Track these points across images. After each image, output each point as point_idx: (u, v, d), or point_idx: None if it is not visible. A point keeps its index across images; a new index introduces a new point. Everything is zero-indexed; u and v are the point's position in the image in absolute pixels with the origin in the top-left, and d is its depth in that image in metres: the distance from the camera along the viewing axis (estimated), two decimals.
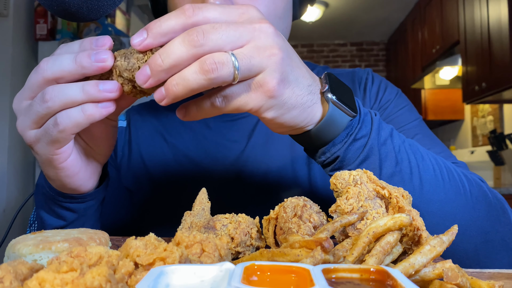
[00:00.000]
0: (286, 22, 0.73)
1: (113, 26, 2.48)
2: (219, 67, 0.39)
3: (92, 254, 0.29)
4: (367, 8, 4.64)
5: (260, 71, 0.42)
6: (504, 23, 2.66)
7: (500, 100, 3.26)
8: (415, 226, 0.37)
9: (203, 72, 0.39)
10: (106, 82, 0.44)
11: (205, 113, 0.45)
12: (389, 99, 0.79)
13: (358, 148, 0.51)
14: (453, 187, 0.55)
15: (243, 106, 0.44)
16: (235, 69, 0.40)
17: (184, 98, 0.42)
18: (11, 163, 2.38)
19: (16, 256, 0.38)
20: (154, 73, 0.40)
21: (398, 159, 0.53)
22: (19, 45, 2.37)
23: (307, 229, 0.41)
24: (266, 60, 0.42)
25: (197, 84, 0.40)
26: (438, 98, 4.27)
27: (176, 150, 0.80)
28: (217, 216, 0.46)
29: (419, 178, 0.53)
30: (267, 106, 0.45)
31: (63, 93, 0.44)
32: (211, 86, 0.41)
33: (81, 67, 0.43)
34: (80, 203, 0.58)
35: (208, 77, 0.40)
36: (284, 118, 0.47)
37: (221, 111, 0.44)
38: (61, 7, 0.46)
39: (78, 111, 0.44)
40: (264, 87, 0.43)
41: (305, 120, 0.48)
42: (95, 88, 0.44)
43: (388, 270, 0.26)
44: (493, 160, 3.28)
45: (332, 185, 0.44)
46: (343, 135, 0.51)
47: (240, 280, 0.23)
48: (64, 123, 0.44)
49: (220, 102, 0.43)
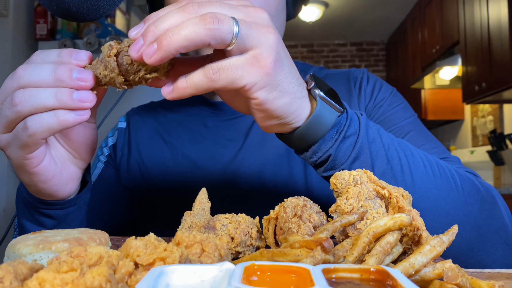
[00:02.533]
0: (279, 21, 0.73)
1: (113, 26, 2.48)
2: (220, 21, 0.39)
3: (92, 254, 0.29)
4: (367, 8, 4.64)
5: (257, 45, 0.42)
6: (504, 23, 2.66)
7: (500, 100, 3.26)
8: (415, 226, 0.37)
9: (203, 23, 0.38)
10: (81, 92, 0.44)
11: (194, 86, 0.42)
12: (384, 98, 0.80)
13: (349, 146, 0.51)
14: (445, 183, 0.55)
15: (238, 80, 0.42)
16: (234, 30, 0.40)
17: (175, 52, 0.40)
18: None
19: (16, 256, 0.38)
20: (146, 41, 0.40)
21: (388, 157, 0.53)
22: (19, 45, 2.37)
23: (307, 229, 0.41)
24: (264, 36, 0.42)
25: (195, 34, 0.38)
26: (438, 98, 4.27)
27: (175, 149, 0.80)
28: (217, 216, 0.46)
29: (411, 175, 0.53)
30: (262, 84, 0.43)
31: (34, 98, 0.43)
32: (208, 40, 0.39)
33: (60, 81, 0.43)
34: (59, 210, 0.57)
35: (208, 28, 0.38)
36: (276, 104, 0.45)
37: (213, 84, 0.41)
38: (61, 7, 0.46)
39: (50, 116, 0.44)
40: (261, 62, 0.42)
41: (295, 112, 0.47)
42: (69, 97, 0.43)
43: (388, 270, 0.26)
44: (493, 160, 3.28)
45: (332, 185, 0.44)
46: (333, 132, 0.50)
47: (240, 280, 0.23)
48: (34, 128, 0.44)
49: (214, 73, 0.41)
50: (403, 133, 0.73)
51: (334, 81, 0.84)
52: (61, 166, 0.53)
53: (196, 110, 0.84)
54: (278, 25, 0.73)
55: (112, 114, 0.80)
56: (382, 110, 0.78)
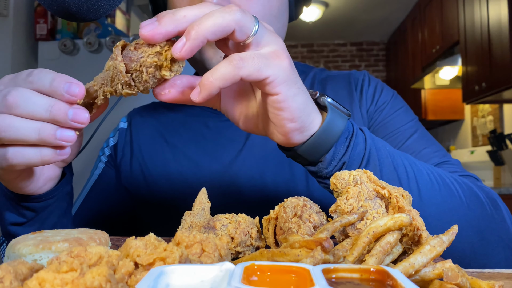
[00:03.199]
0: (282, 22, 0.74)
1: (113, 26, 2.48)
2: (243, 12, 0.41)
3: (92, 254, 0.29)
4: (367, 8, 4.64)
5: (273, 44, 0.44)
6: (504, 23, 2.66)
7: (500, 100, 3.26)
8: (415, 226, 0.37)
9: (228, 11, 0.41)
10: (64, 130, 0.44)
11: (221, 77, 0.41)
12: (385, 101, 0.80)
13: (360, 152, 0.51)
14: (447, 190, 0.56)
15: (262, 70, 0.42)
16: (255, 24, 0.42)
17: (210, 36, 0.41)
18: None
19: (16, 256, 0.38)
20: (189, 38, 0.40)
21: (394, 164, 0.53)
22: (19, 45, 2.37)
23: (307, 229, 0.41)
24: (276, 38, 0.45)
25: (222, 19, 0.40)
26: (438, 98, 4.27)
27: (176, 150, 0.80)
28: (217, 216, 0.46)
29: (416, 182, 0.54)
30: (283, 77, 0.44)
31: (16, 130, 0.42)
32: (234, 26, 0.41)
33: (54, 120, 0.43)
34: (37, 203, 0.58)
35: (232, 16, 0.40)
36: (295, 101, 0.45)
37: (239, 72, 0.41)
38: (61, 7, 0.46)
39: (34, 153, 0.44)
40: (281, 57, 0.44)
41: (310, 115, 0.48)
42: (52, 136, 0.43)
43: (388, 270, 0.26)
44: (493, 160, 3.28)
45: (332, 185, 0.44)
46: (343, 139, 0.50)
47: (240, 280, 0.23)
48: (15, 161, 0.44)
49: (240, 60, 0.41)
50: (405, 137, 0.73)
51: (336, 83, 0.84)
52: (39, 172, 0.54)
53: (197, 111, 0.84)
54: (280, 26, 0.73)
55: (112, 114, 0.80)
56: (384, 114, 0.78)
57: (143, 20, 3.60)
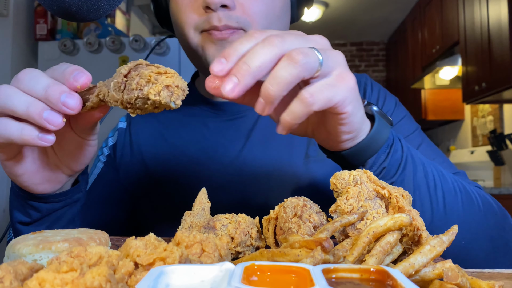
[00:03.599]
0: (284, 22, 0.74)
1: (113, 26, 2.48)
2: (306, 55, 0.41)
3: (92, 254, 0.29)
4: (367, 8, 4.64)
5: (336, 66, 0.45)
6: (504, 23, 2.66)
7: (500, 100, 3.26)
8: (415, 226, 0.37)
9: (293, 62, 0.40)
10: (52, 113, 0.44)
11: (296, 117, 0.43)
12: (389, 109, 0.80)
13: (398, 159, 0.54)
14: (468, 199, 0.59)
15: (333, 98, 0.44)
16: (319, 59, 0.42)
17: (280, 97, 0.41)
18: None
19: (16, 256, 0.38)
20: (241, 79, 0.40)
21: (425, 171, 0.56)
22: (19, 45, 2.37)
23: (307, 229, 0.41)
24: (336, 57, 0.45)
25: (290, 76, 0.40)
26: (438, 98, 4.27)
27: (176, 149, 0.80)
28: (217, 216, 0.46)
29: (442, 189, 0.56)
30: (350, 99, 0.45)
31: (8, 98, 0.44)
32: (302, 75, 0.41)
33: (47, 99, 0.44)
34: (42, 203, 0.58)
35: (299, 65, 0.40)
36: (358, 115, 0.48)
37: (311, 108, 0.43)
38: (61, 7, 0.46)
39: (16, 127, 0.45)
40: (346, 79, 0.45)
41: (363, 124, 0.50)
42: (39, 114, 0.44)
43: (388, 270, 0.26)
44: (493, 160, 3.28)
45: (332, 185, 0.44)
46: (385, 146, 0.53)
47: (240, 280, 0.23)
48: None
49: (310, 97, 0.42)
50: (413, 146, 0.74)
51: None
52: (37, 166, 0.54)
53: (197, 110, 0.83)
54: (282, 27, 0.73)
55: (112, 114, 0.80)
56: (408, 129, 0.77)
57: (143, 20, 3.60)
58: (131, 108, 0.42)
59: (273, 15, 0.69)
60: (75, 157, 0.56)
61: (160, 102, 0.40)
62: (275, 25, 0.70)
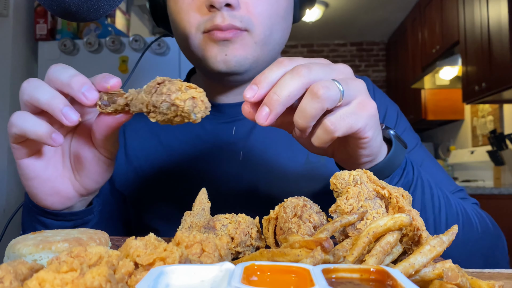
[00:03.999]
0: (287, 22, 0.73)
1: (113, 26, 2.48)
2: (328, 89, 0.45)
3: (92, 254, 0.29)
4: (367, 8, 4.64)
5: (357, 95, 0.48)
6: (504, 23, 2.66)
7: (500, 100, 3.26)
8: (415, 226, 0.37)
9: (316, 97, 0.44)
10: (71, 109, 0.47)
11: (322, 142, 0.48)
12: (391, 119, 0.80)
13: (409, 180, 0.57)
14: (468, 221, 0.63)
15: (354, 125, 0.47)
16: (340, 90, 0.46)
17: (310, 127, 0.47)
18: (11, 163, 2.38)
19: (16, 256, 0.38)
20: (272, 109, 0.45)
21: (431, 193, 0.59)
22: (19, 45, 2.37)
23: (307, 229, 0.41)
24: (358, 86, 0.48)
25: (314, 110, 0.45)
26: (438, 98, 4.26)
27: (172, 151, 0.79)
28: (217, 216, 0.46)
29: (445, 212, 0.60)
30: (370, 125, 0.48)
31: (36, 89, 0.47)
32: (324, 107, 0.45)
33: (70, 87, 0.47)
34: (52, 220, 0.58)
35: (321, 99, 0.44)
36: (377, 140, 0.51)
37: (334, 134, 0.47)
38: (61, 7, 0.46)
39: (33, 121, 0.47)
40: (367, 106, 0.48)
41: (381, 147, 0.54)
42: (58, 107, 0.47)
43: (388, 270, 0.26)
44: (493, 160, 3.28)
45: (332, 185, 0.44)
46: (400, 168, 0.56)
47: (240, 280, 0.23)
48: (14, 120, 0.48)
49: (332, 125, 0.46)
50: (417, 162, 0.76)
51: None
52: (50, 174, 0.54)
53: None
54: (286, 27, 0.73)
55: None
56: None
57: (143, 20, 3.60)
58: (153, 112, 0.45)
59: (277, 15, 0.69)
60: (90, 173, 0.55)
61: (183, 109, 0.43)
62: (279, 26, 0.70)
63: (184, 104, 0.43)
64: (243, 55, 0.67)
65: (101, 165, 0.56)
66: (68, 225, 0.59)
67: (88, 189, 0.57)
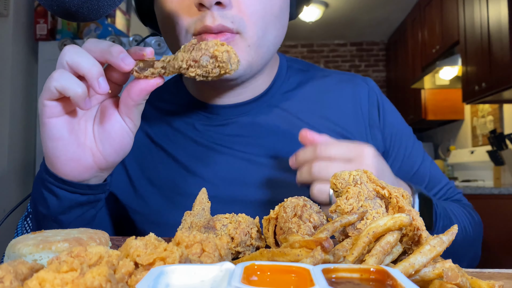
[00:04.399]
0: (283, 21, 0.70)
1: (113, 26, 2.48)
2: (320, 193, 0.57)
3: (92, 254, 0.29)
4: (367, 8, 4.64)
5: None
6: (504, 23, 2.66)
7: (500, 100, 3.26)
8: (415, 226, 0.37)
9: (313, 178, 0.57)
10: (104, 80, 0.51)
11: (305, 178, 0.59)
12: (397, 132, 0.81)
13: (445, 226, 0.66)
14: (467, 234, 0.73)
15: None
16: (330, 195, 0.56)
17: None
18: (11, 163, 2.38)
19: (16, 256, 0.38)
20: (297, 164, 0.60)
21: (460, 227, 0.70)
22: (19, 45, 2.37)
23: (307, 229, 0.41)
24: (365, 165, 0.57)
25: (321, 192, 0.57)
26: (438, 98, 4.26)
27: (165, 152, 0.75)
28: (217, 216, 0.46)
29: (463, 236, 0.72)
30: None
31: (79, 56, 0.51)
32: None
33: (109, 53, 0.51)
34: (63, 190, 0.58)
35: (312, 194, 0.57)
36: None
37: None
38: (61, 7, 0.46)
39: (71, 80, 0.50)
40: None
41: None
42: (95, 76, 0.50)
43: (388, 270, 0.26)
44: (493, 160, 3.28)
45: (332, 185, 0.44)
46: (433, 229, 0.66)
47: (240, 280, 0.23)
48: (55, 78, 0.50)
49: None
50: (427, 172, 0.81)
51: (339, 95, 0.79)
52: (73, 139, 0.55)
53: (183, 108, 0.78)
54: (280, 26, 0.69)
55: None
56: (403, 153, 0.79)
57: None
58: (193, 67, 0.50)
59: (271, 15, 0.66)
60: (115, 142, 0.56)
61: (222, 59, 0.50)
62: (273, 26, 0.67)
63: (222, 55, 0.49)
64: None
65: (125, 135, 0.57)
66: (81, 199, 0.59)
67: (108, 160, 0.57)
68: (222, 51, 0.50)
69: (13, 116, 2.38)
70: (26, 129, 2.51)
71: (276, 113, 0.75)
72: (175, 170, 0.74)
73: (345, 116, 0.77)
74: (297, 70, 0.83)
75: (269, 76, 0.77)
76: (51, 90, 0.51)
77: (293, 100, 0.77)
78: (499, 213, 2.68)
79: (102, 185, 0.61)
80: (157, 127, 0.78)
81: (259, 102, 0.76)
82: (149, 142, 0.77)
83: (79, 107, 0.51)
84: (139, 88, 0.53)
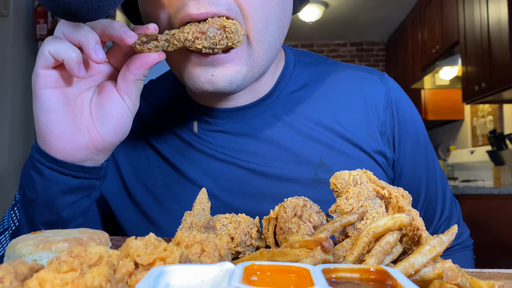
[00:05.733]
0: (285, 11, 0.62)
1: None
2: None
3: (92, 254, 0.29)
4: (367, 8, 4.64)
5: None
6: (504, 23, 2.66)
7: (500, 100, 3.26)
8: (415, 226, 0.37)
9: None
10: (100, 48, 0.50)
11: None
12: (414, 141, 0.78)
13: None
14: None
15: None
16: None
17: None
18: (11, 163, 2.38)
19: (16, 256, 0.38)
20: None
21: None
22: (19, 45, 2.37)
23: (307, 229, 0.41)
24: None
25: None
26: (438, 98, 4.27)
27: (161, 156, 0.72)
28: (217, 216, 0.46)
29: None
30: None
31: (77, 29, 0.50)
32: None
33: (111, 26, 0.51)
34: (55, 172, 0.54)
35: None
36: None
37: None
38: (61, 7, 0.46)
39: (69, 48, 0.49)
40: None
41: None
42: (92, 43, 0.49)
43: (388, 270, 0.26)
44: (493, 160, 3.28)
45: (332, 185, 0.44)
46: None
47: (240, 280, 0.23)
48: (51, 43, 0.50)
49: None
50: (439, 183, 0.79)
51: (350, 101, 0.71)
52: (69, 113, 0.53)
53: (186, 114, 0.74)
54: (282, 17, 0.61)
55: None
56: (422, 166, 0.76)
57: None
58: (199, 39, 0.51)
59: (271, 1, 0.57)
60: (113, 120, 0.54)
61: (230, 29, 0.51)
62: (274, 15, 0.58)
63: (230, 26, 0.51)
64: (235, 70, 0.58)
65: (123, 114, 0.55)
66: (73, 183, 0.56)
67: (106, 139, 0.55)
68: (230, 23, 0.51)
69: (13, 116, 2.38)
70: (26, 129, 2.51)
71: (279, 118, 0.70)
72: (168, 172, 0.71)
73: (356, 121, 0.70)
74: (307, 64, 0.75)
75: (273, 76, 0.71)
76: (45, 54, 0.50)
77: (299, 102, 0.71)
78: (499, 213, 2.68)
79: (97, 169, 0.57)
80: (155, 133, 0.73)
81: (261, 105, 0.70)
82: (145, 145, 0.73)
83: (73, 73, 0.49)
84: (139, 61, 0.52)
